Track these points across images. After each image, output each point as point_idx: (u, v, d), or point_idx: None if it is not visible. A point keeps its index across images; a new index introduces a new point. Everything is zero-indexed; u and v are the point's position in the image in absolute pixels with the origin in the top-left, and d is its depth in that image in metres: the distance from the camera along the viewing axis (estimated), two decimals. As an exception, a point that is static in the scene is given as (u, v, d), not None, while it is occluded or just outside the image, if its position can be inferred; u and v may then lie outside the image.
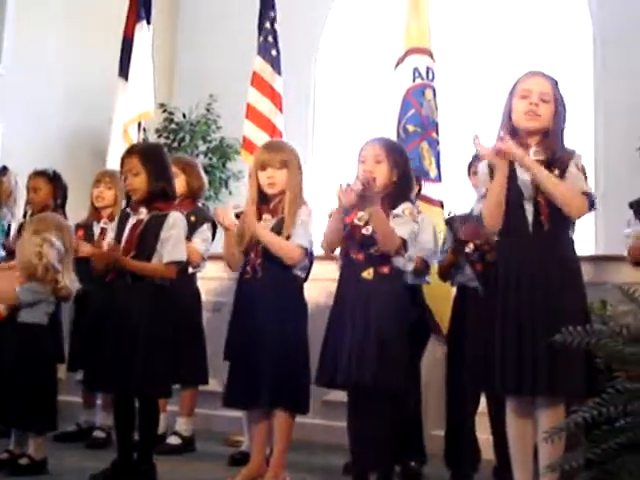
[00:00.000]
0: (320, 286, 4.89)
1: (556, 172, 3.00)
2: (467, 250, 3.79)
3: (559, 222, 2.99)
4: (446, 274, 4.06)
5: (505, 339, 2.91)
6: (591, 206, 3.02)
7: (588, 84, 7.13)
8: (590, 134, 7.02)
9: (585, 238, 6.70)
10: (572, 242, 3.09)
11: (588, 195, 3.00)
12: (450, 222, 4.10)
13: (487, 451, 3.97)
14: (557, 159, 3.03)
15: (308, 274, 3.85)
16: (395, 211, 3.48)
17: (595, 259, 5.28)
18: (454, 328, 4.03)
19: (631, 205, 3.62)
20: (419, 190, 4.38)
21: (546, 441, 2.00)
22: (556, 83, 3.14)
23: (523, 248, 3.02)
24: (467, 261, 3.78)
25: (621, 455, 1.78)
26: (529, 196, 3.02)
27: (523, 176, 3.03)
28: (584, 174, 3.06)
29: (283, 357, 3.61)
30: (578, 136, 7.01)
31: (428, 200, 4.52)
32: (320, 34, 8.01)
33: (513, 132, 3.11)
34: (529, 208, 3.01)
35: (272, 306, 3.66)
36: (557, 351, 2.20)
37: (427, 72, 4.73)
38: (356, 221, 3.52)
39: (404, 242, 3.45)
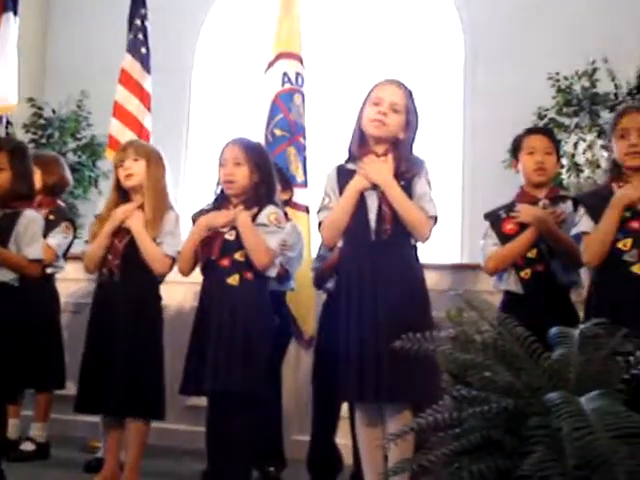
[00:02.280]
0: (185, 289, 4.85)
1: (402, 183, 3.04)
2: None
3: (401, 232, 3.03)
4: (323, 281, 4.03)
5: (349, 347, 2.93)
6: (434, 226, 3.09)
7: (458, 98, 7.30)
8: (458, 146, 7.18)
9: (451, 247, 6.86)
10: (415, 250, 3.13)
11: (435, 218, 3.07)
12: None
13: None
14: (404, 171, 3.06)
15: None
16: (260, 219, 3.43)
17: (459, 267, 5.44)
18: (320, 334, 4.04)
19: (486, 216, 3.70)
20: (290, 197, 4.39)
21: (381, 449, 2.01)
22: (410, 93, 3.16)
23: (364, 256, 3.04)
24: None
25: (452, 463, 1.81)
26: (373, 205, 3.06)
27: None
28: (430, 186, 3.10)
29: (136, 362, 3.56)
30: (447, 148, 7.21)
31: (294, 205, 4.53)
32: (197, 35, 7.92)
33: (362, 138, 3.15)
34: (372, 217, 3.04)
35: (127, 310, 3.61)
36: (400, 358, 2.21)
37: (296, 77, 4.74)
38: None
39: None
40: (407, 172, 3.07)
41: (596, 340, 2.05)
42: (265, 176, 3.53)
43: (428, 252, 4.86)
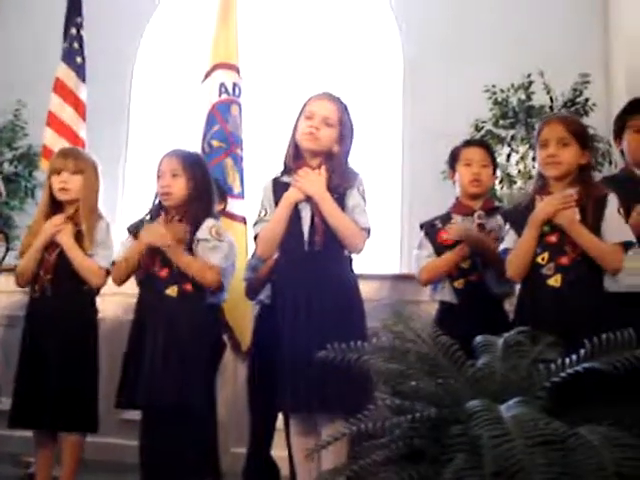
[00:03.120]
0: (120, 300, 4.79)
1: (335, 196, 3.06)
2: None
3: (334, 243, 3.06)
4: (255, 292, 4.01)
5: (283, 358, 2.94)
6: (367, 237, 3.11)
7: (397, 109, 7.36)
8: (398, 157, 7.23)
9: (390, 257, 6.90)
10: (348, 261, 3.15)
11: (367, 230, 3.10)
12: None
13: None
14: (337, 184, 3.09)
15: None
16: (200, 234, 3.40)
17: (398, 278, 5.46)
18: (254, 345, 4.02)
19: (422, 226, 3.73)
20: (224, 207, 4.37)
21: (305, 460, 2.00)
22: (345, 107, 3.19)
23: (298, 267, 3.06)
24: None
25: (377, 472, 1.81)
26: (307, 217, 3.08)
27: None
28: (364, 199, 3.12)
29: (70, 376, 3.50)
30: (386, 159, 7.26)
31: (231, 216, 4.51)
32: (138, 44, 7.87)
33: (297, 151, 3.17)
34: (306, 228, 3.07)
35: (60, 324, 3.56)
36: (332, 369, 2.22)
37: (234, 88, 4.72)
38: None
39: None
40: (340, 185, 3.09)
41: (520, 348, 2.08)
42: (203, 188, 3.49)
43: (367, 262, 4.90)
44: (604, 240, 2.91)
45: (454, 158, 3.76)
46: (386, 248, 6.89)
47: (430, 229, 3.66)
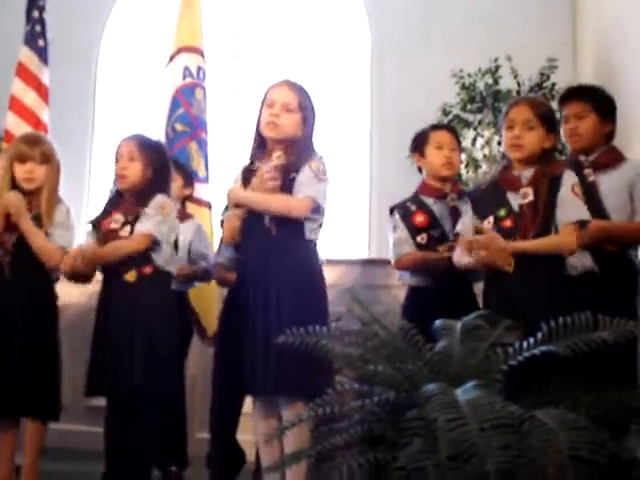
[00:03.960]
0: (83, 287, 4.74)
1: (292, 176, 3.10)
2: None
3: (290, 228, 3.09)
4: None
5: (247, 340, 2.94)
6: (316, 209, 3.10)
7: (365, 93, 7.34)
8: (365, 141, 7.22)
9: (358, 242, 6.90)
10: (310, 244, 3.15)
11: (312, 199, 3.09)
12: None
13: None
14: (293, 164, 3.13)
15: None
16: (147, 209, 3.39)
17: (366, 262, 5.47)
18: (221, 329, 4.00)
19: (392, 210, 3.72)
20: (191, 192, 4.36)
21: (266, 444, 2.00)
22: (305, 91, 3.23)
23: (258, 252, 3.10)
24: None
25: (335, 456, 1.81)
26: None
27: None
28: (319, 176, 3.11)
29: (31, 363, 3.46)
30: (354, 142, 7.24)
31: (196, 201, 4.48)
32: (104, 26, 7.76)
33: (262, 140, 3.22)
34: (266, 216, 3.12)
35: (20, 308, 3.51)
36: (291, 352, 2.21)
37: (198, 71, 4.68)
38: (112, 225, 3.42)
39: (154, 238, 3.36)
40: (295, 165, 3.14)
41: (478, 332, 2.08)
42: (159, 173, 3.49)
43: (336, 247, 4.89)
44: (559, 219, 2.92)
45: (422, 141, 3.75)
46: (355, 233, 6.89)
47: (404, 211, 3.65)
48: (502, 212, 2.96)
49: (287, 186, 3.11)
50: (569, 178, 2.98)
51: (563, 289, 2.82)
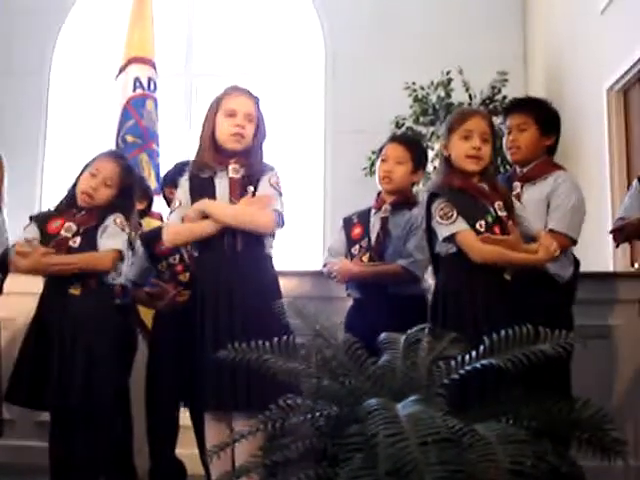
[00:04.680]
0: (19, 300, 4.64)
1: (251, 189, 3.07)
2: None
3: (253, 243, 3.05)
4: None
5: (196, 354, 2.91)
6: (280, 224, 3.08)
7: (320, 106, 7.36)
8: (320, 151, 7.23)
9: (313, 252, 6.90)
10: (268, 259, 3.13)
11: (275, 212, 3.06)
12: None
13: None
14: (253, 175, 3.09)
15: None
16: (105, 223, 3.34)
17: (319, 273, 5.45)
18: (159, 342, 3.96)
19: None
20: (148, 205, 4.31)
21: (209, 458, 1.98)
22: (258, 101, 3.19)
23: (219, 266, 3.04)
24: None
25: (276, 473, 1.79)
26: None
27: None
28: (277, 190, 3.09)
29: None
30: (309, 155, 7.25)
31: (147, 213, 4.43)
32: (56, 38, 7.69)
33: (217, 149, 3.13)
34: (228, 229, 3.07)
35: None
36: (243, 366, 2.18)
37: (149, 82, 4.65)
38: (63, 232, 3.36)
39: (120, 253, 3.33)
40: (254, 176, 3.10)
41: (422, 345, 2.08)
42: (124, 199, 3.44)
43: (291, 259, 4.86)
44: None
45: (378, 154, 3.76)
46: (310, 244, 6.89)
47: (347, 223, 3.65)
48: (490, 218, 2.95)
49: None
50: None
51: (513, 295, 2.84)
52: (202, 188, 3.10)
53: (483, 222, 2.93)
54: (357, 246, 3.55)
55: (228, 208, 3.05)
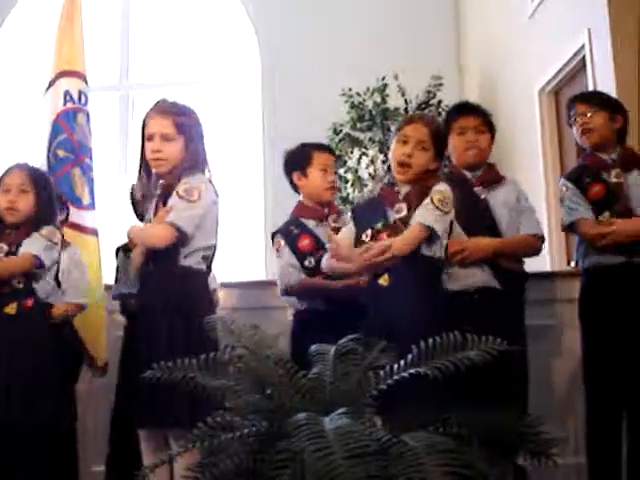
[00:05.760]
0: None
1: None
2: None
3: (161, 258, 3.04)
4: None
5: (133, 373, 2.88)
6: (181, 236, 3.02)
7: (257, 112, 7.35)
8: (259, 161, 7.22)
9: (255, 263, 6.87)
10: (193, 274, 3.09)
11: (171, 225, 3.01)
12: None
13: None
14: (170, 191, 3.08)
15: None
16: (35, 234, 3.37)
17: (260, 284, 5.42)
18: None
19: (274, 235, 3.69)
20: (67, 216, 4.21)
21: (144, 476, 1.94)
22: (182, 112, 3.15)
23: (143, 282, 3.08)
24: None
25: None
26: None
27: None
28: (186, 198, 3.03)
29: None
30: (248, 165, 7.23)
31: (81, 228, 4.34)
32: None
33: (148, 169, 3.16)
34: None
35: None
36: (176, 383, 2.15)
37: (80, 96, 4.55)
38: None
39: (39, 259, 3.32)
40: (170, 191, 3.10)
41: (352, 356, 2.07)
42: (47, 203, 3.47)
43: (233, 270, 4.83)
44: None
45: (304, 161, 3.69)
46: (251, 255, 6.86)
47: (288, 236, 3.60)
48: (379, 225, 2.94)
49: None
50: (437, 188, 2.95)
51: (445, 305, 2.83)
52: (139, 210, 3.22)
53: (369, 232, 2.96)
54: (311, 258, 3.49)
55: (134, 230, 3.13)
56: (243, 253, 6.83)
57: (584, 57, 4.92)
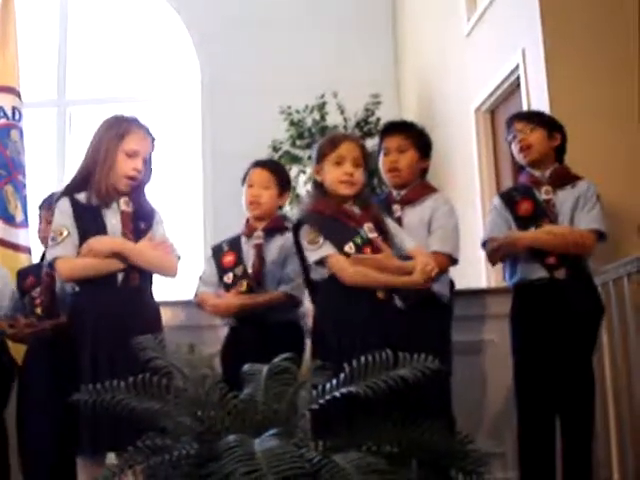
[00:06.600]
0: None
1: (142, 225, 3.08)
2: None
3: (147, 280, 3.08)
4: None
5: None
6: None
7: (197, 129, 7.32)
8: (199, 178, 7.18)
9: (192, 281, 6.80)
10: (152, 294, 3.13)
11: (178, 258, 3.16)
12: None
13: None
14: (142, 212, 3.11)
15: None
16: None
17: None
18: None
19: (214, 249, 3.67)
20: None
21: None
22: (153, 140, 3.18)
23: (108, 301, 3.00)
24: None
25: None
26: None
27: None
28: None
29: None
30: (187, 180, 7.18)
31: (13, 246, 4.28)
32: None
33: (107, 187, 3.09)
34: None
35: None
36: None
37: (13, 112, 4.49)
38: None
39: None
40: (144, 212, 3.12)
41: (285, 376, 2.05)
42: None
43: (175, 288, 4.77)
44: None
45: (244, 177, 3.70)
46: (190, 272, 6.78)
47: (216, 251, 3.59)
48: (359, 240, 2.94)
49: (136, 235, 3.05)
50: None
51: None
52: (90, 218, 3.04)
53: (352, 244, 2.92)
54: (230, 274, 3.48)
55: (137, 250, 3.02)
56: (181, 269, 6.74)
57: (519, 77, 5.00)
